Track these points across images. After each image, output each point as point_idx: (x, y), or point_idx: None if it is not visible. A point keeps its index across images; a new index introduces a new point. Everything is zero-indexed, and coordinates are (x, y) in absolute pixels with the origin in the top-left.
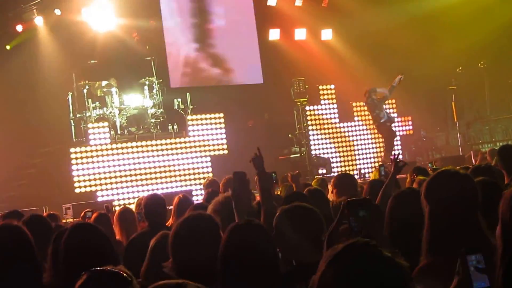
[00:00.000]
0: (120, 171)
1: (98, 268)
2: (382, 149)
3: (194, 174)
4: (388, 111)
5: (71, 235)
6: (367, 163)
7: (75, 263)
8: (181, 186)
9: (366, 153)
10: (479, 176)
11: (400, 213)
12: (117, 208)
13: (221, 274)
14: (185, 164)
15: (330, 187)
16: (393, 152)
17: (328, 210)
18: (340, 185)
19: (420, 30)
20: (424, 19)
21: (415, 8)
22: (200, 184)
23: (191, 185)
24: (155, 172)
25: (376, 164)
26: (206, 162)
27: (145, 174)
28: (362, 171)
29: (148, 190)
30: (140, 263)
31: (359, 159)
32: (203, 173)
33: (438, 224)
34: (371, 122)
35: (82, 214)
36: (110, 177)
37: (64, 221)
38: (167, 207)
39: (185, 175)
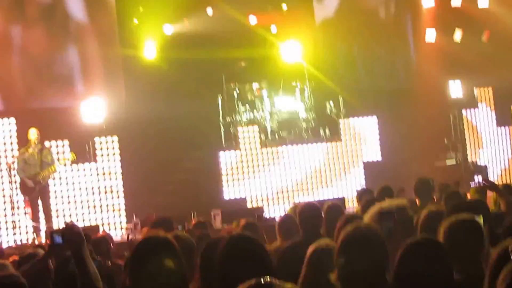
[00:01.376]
0: (270, 176)
1: (258, 279)
2: None
3: (346, 180)
4: None
5: (229, 247)
6: None
7: (231, 275)
8: (333, 193)
9: None
10: None
11: None
12: (269, 216)
13: None
14: (337, 170)
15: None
16: None
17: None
18: None
19: None
20: None
21: None
22: (352, 191)
23: (343, 192)
24: (306, 178)
25: None
26: (359, 168)
27: (296, 180)
28: None
29: (299, 196)
30: (293, 273)
31: None
32: (356, 179)
33: None
34: None
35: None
36: (260, 183)
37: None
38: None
39: (337, 181)
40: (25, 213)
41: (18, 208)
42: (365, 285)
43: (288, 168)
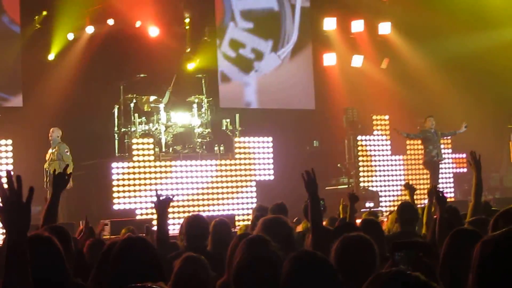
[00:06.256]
0: (162, 189)
1: (140, 284)
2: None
3: (238, 198)
4: (441, 146)
5: (123, 249)
6: (417, 199)
7: (122, 278)
8: (224, 210)
9: (416, 189)
10: None
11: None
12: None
13: None
14: (229, 188)
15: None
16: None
17: (382, 244)
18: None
19: (480, 66)
20: (484, 55)
21: (476, 44)
22: (242, 209)
23: (233, 209)
24: (198, 194)
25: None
26: (251, 186)
27: (187, 194)
28: None
29: (189, 212)
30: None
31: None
32: (247, 197)
33: None
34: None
35: (126, 234)
36: (151, 195)
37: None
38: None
39: (228, 198)
40: None
41: None
42: None
43: (180, 183)
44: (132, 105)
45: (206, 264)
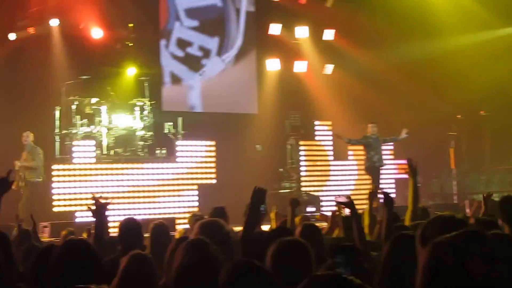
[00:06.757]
0: (102, 192)
1: (83, 286)
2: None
3: (179, 202)
4: (383, 152)
5: (64, 252)
6: (358, 204)
7: (64, 280)
8: (165, 213)
9: (358, 194)
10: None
11: (397, 260)
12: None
13: None
14: (170, 191)
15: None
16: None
17: (322, 248)
18: None
19: (422, 74)
20: (426, 63)
21: (419, 52)
22: (184, 213)
23: (174, 213)
24: (139, 197)
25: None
26: (193, 190)
27: (128, 198)
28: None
29: (129, 215)
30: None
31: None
32: (189, 201)
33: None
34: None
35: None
36: (90, 198)
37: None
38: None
39: (169, 202)
40: None
41: None
42: None
43: (121, 186)
44: (74, 107)
45: (152, 261)
